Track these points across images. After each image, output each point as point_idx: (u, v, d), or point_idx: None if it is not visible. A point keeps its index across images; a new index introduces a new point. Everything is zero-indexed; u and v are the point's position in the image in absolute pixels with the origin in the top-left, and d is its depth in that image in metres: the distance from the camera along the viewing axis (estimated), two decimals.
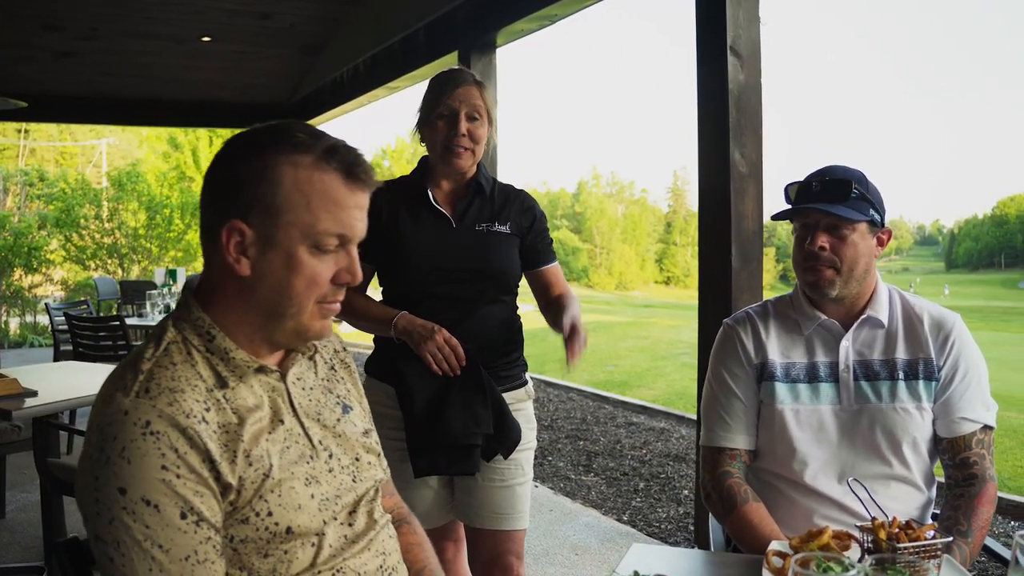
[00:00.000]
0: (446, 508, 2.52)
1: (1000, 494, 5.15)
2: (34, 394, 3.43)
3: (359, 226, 1.32)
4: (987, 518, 1.95)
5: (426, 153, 2.49)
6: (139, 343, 7.06)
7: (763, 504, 1.96)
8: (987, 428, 2.00)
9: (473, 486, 2.45)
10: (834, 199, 1.93)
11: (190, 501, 1.17)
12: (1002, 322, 33.48)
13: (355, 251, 1.33)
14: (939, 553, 1.56)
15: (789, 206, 2.02)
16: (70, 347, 6.38)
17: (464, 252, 2.39)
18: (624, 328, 24.81)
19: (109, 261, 15.60)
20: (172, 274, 9.03)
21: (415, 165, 2.57)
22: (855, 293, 2.01)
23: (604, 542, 4.46)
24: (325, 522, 1.35)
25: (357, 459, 1.47)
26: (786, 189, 2.03)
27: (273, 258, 1.28)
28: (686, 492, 5.47)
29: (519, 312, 2.54)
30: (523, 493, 2.50)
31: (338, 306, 1.36)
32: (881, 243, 2.00)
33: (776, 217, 2.06)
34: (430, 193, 2.42)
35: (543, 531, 4.55)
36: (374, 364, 2.50)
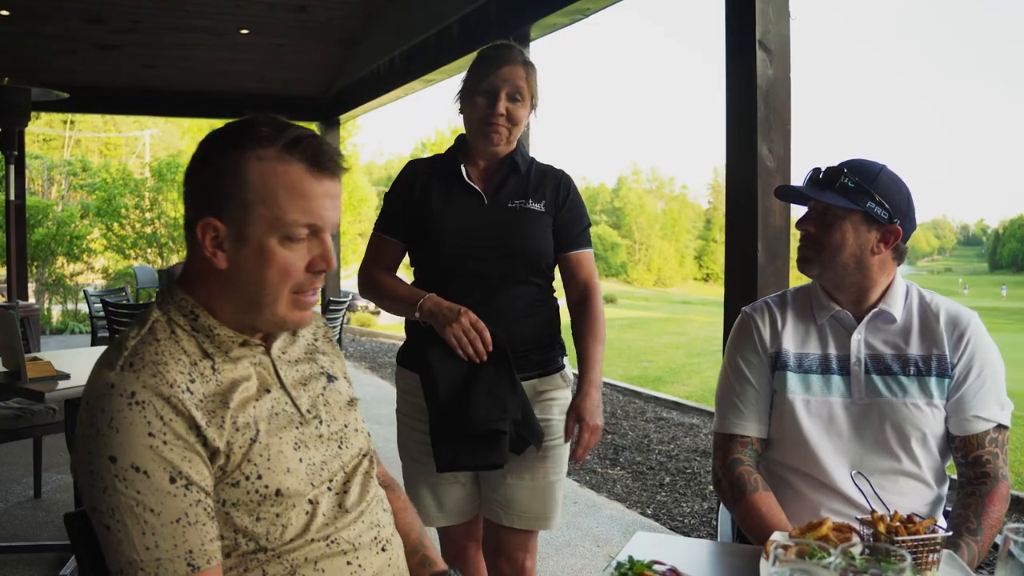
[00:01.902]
0: (474, 503, 2.45)
1: (1020, 493, 5.07)
2: (67, 377, 3.52)
3: (329, 214, 1.34)
4: (998, 517, 1.94)
5: (463, 131, 2.43)
6: None
7: (772, 494, 1.97)
8: (1001, 427, 1.98)
9: (500, 483, 2.35)
10: (824, 186, 1.95)
11: (178, 466, 1.22)
12: None
13: (328, 239, 1.36)
14: (938, 547, 1.56)
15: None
16: (107, 333, 6.50)
17: (494, 229, 2.30)
18: (661, 324, 24.71)
19: (149, 250, 15.86)
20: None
21: None
22: (851, 283, 1.99)
23: (626, 535, 4.46)
24: (315, 486, 1.39)
25: (345, 426, 1.51)
26: (806, 175, 2.05)
27: (247, 252, 1.32)
28: (711, 488, 5.45)
29: (555, 295, 2.45)
30: (556, 492, 2.40)
31: (316, 297, 1.40)
32: (886, 240, 1.97)
33: (776, 194, 2.09)
34: (464, 169, 2.35)
35: (566, 522, 4.57)
36: (403, 351, 2.45)
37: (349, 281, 16.51)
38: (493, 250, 2.29)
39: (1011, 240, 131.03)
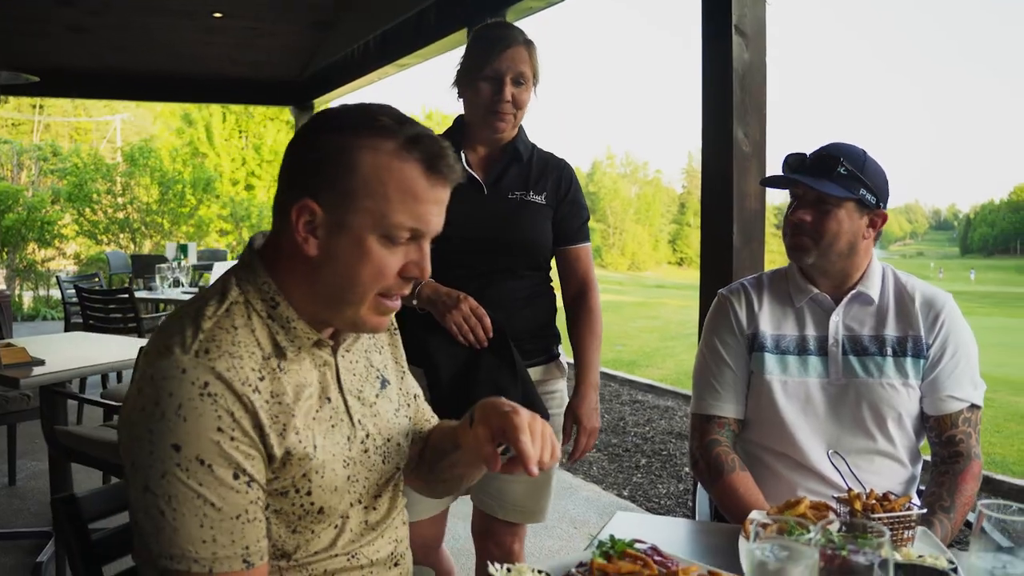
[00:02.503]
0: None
1: (1005, 478, 5.16)
2: (42, 363, 3.49)
3: (435, 221, 1.28)
4: (971, 495, 1.98)
5: (461, 113, 2.35)
6: (151, 315, 7.14)
7: (750, 474, 1.99)
8: (974, 407, 2.02)
9: (493, 476, 2.23)
10: (820, 174, 1.95)
11: (242, 463, 1.17)
12: (1017, 308, 33.27)
13: (427, 246, 1.29)
14: (913, 524, 1.59)
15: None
16: (80, 319, 6.45)
17: (493, 221, 2.25)
18: (635, 308, 24.80)
19: (121, 236, 15.70)
20: (183, 249, 9.09)
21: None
22: (838, 267, 2.03)
23: (603, 516, 4.50)
24: (351, 504, 1.36)
25: (388, 440, 1.45)
26: (785, 158, 2.05)
27: (342, 243, 1.24)
28: (687, 469, 5.51)
29: (551, 284, 2.42)
30: (549, 487, 2.39)
31: (398, 303, 1.32)
32: (874, 225, 2.00)
33: (764, 183, 2.09)
34: (464, 155, 2.28)
35: None
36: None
37: None
38: (491, 243, 2.25)
39: (981, 225, 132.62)
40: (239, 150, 24.34)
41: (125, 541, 1.46)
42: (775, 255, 4.48)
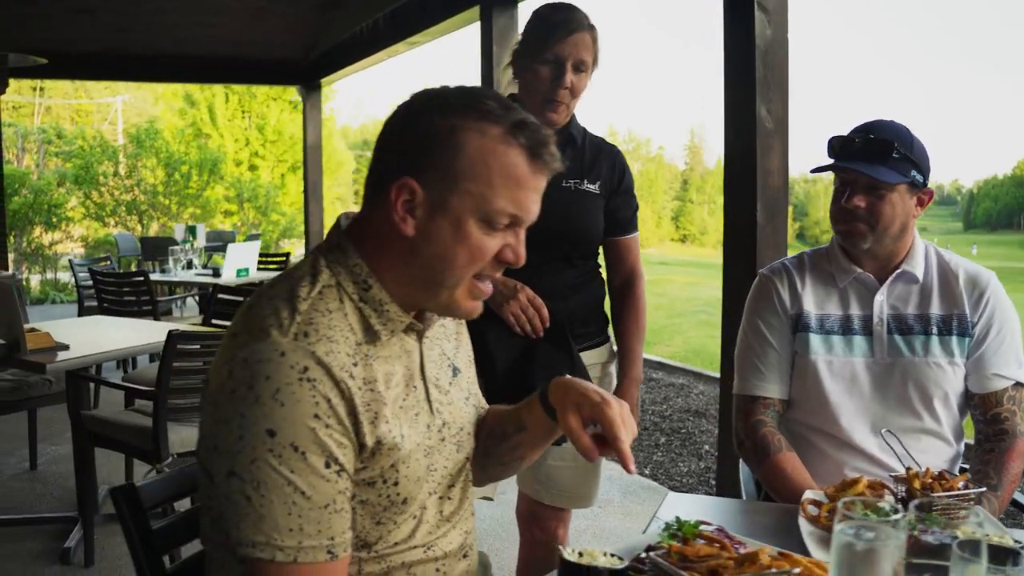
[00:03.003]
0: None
1: None
2: (66, 347, 3.48)
3: (534, 209, 1.27)
4: (1017, 472, 1.97)
5: (514, 92, 2.29)
6: (164, 299, 7.13)
7: (796, 454, 1.98)
8: (1019, 385, 2.01)
9: (541, 462, 2.27)
10: (874, 159, 1.92)
11: (334, 452, 1.15)
12: (1020, 282, 33.23)
13: (523, 234, 1.29)
14: (971, 502, 1.58)
15: (830, 160, 2.01)
16: (94, 303, 6.44)
17: (549, 210, 2.18)
18: None
19: (128, 218, 15.68)
20: (192, 230, 9.08)
21: None
22: (889, 249, 2.01)
23: (626, 495, 4.51)
24: (429, 494, 1.34)
25: (461, 428, 1.43)
26: (829, 142, 2.01)
27: (441, 224, 1.22)
28: (707, 447, 5.51)
29: (600, 269, 2.40)
30: (597, 472, 2.37)
31: (490, 287, 1.31)
32: (921, 203, 1.99)
33: (816, 170, 2.05)
34: None
35: None
36: None
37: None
38: (546, 232, 2.17)
39: (985, 200, 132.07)
40: (242, 130, 24.23)
41: (185, 529, 1.45)
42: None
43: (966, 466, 2.09)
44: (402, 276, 1.27)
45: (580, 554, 1.31)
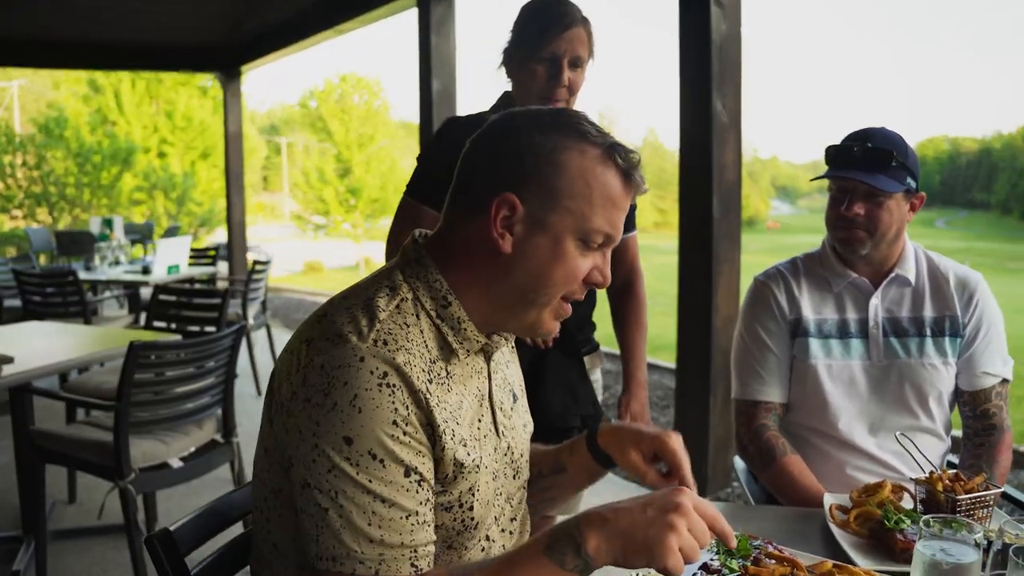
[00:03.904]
0: None
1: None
2: (10, 360, 3.30)
3: (621, 229, 1.27)
4: (1007, 465, 2.05)
5: (507, 89, 2.21)
6: (97, 298, 6.86)
7: (800, 456, 2.02)
8: (1005, 381, 2.09)
9: None
10: (874, 168, 1.95)
11: (412, 462, 1.12)
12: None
13: (610, 255, 1.28)
14: (991, 503, 1.63)
15: (828, 167, 2.04)
16: (16, 302, 6.15)
17: None
18: None
19: (38, 210, 15.05)
20: (109, 223, 8.75)
21: (343, 108, 2.27)
22: (884, 254, 2.05)
23: (617, 495, 4.52)
24: (495, 519, 1.32)
25: (521, 455, 1.41)
26: (827, 150, 2.04)
27: (540, 241, 1.21)
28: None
29: None
30: None
31: (571, 309, 1.29)
32: (913, 208, 2.04)
33: (816, 179, 2.07)
34: None
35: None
36: None
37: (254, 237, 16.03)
38: None
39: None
40: (150, 117, 23.47)
41: (221, 570, 1.39)
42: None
43: (953, 459, 2.17)
44: (486, 294, 1.24)
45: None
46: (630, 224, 2.33)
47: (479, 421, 1.27)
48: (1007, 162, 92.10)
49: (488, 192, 1.20)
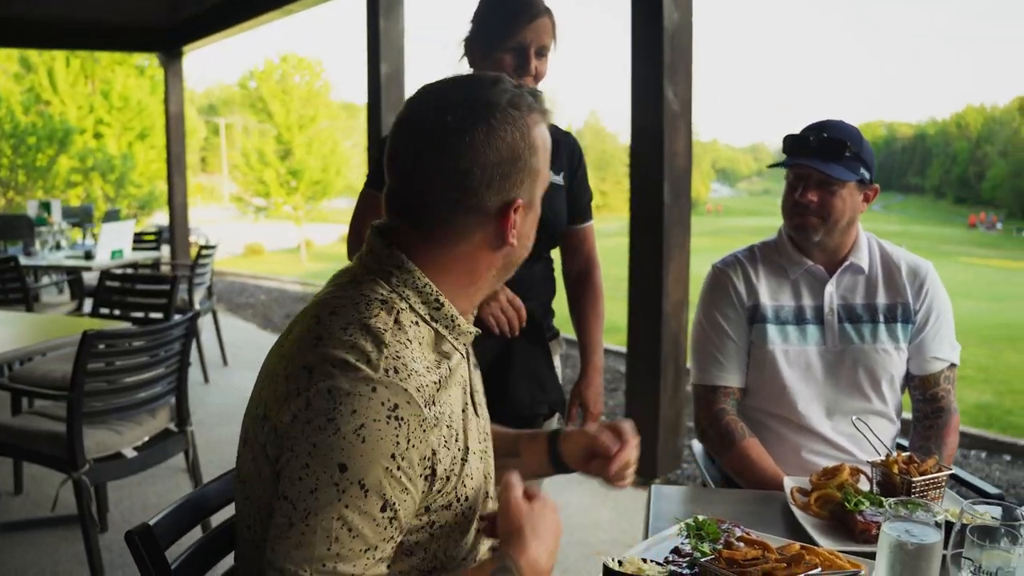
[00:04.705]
0: None
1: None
2: None
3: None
4: (954, 446, 2.14)
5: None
6: (38, 284, 6.69)
7: (757, 440, 2.08)
8: (953, 365, 2.18)
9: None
10: (828, 157, 2.02)
11: (394, 498, 1.11)
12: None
13: None
14: (943, 485, 1.71)
15: (784, 156, 2.10)
16: None
17: None
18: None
19: None
20: (47, 207, 8.56)
21: (284, 88, 2.25)
22: (837, 242, 2.12)
23: (571, 481, 4.57)
24: (486, 496, 1.33)
25: (489, 432, 1.42)
26: (784, 139, 2.10)
27: (531, 219, 1.28)
28: (604, 418, 5.65)
29: (552, 263, 2.38)
30: None
31: None
32: (867, 199, 2.11)
33: (772, 166, 2.13)
34: None
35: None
36: None
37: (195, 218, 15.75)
38: None
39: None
40: (86, 97, 22.86)
41: (201, 563, 1.40)
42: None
43: (903, 442, 2.25)
44: (478, 284, 1.27)
45: (620, 562, 1.34)
46: (586, 214, 2.36)
47: (464, 410, 1.27)
48: (940, 148, 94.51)
49: (496, 207, 1.21)
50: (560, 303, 2.45)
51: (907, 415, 2.21)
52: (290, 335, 1.22)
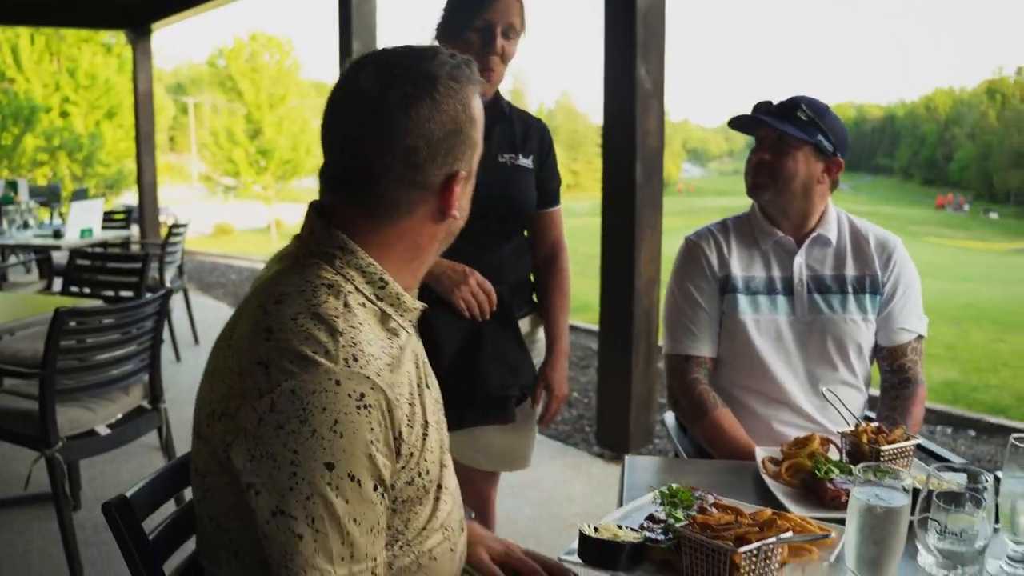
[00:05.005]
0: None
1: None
2: None
3: None
4: (920, 416, 2.18)
5: None
6: (6, 264, 6.61)
7: (729, 410, 2.11)
8: (920, 337, 2.22)
9: (481, 433, 2.24)
10: (782, 118, 2.09)
11: (382, 474, 1.13)
12: None
13: None
14: (910, 454, 1.75)
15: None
16: None
17: (489, 189, 2.03)
18: None
19: None
20: (13, 186, 8.46)
21: (253, 67, 2.24)
22: (796, 209, 2.16)
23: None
24: (443, 467, 1.33)
25: (438, 404, 1.41)
26: (754, 106, 2.17)
27: (468, 189, 1.28)
28: (576, 394, 5.71)
29: (526, 240, 2.37)
30: (534, 434, 2.40)
31: None
32: (829, 171, 2.14)
33: (731, 125, 2.20)
34: None
35: None
36: None
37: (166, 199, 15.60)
38: (486, 209, 2.12)
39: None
40: (51, 74, 22.49)
41: (178, 535, 1.41)
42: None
43: (871, 414, 2.29)
44: (421, 259, 1.28)
45: (596, 528, 1.37)
46: (554, 199, 2.37)
47: (418, 384, 1.26)
48: (909, 130, 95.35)
49: (440, 180, 1.22)
50: None
51: (875, 392, 2.26)
52: (237, 327, 1.19)
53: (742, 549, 1.21)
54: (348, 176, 1.22)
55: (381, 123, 1.18)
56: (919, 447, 2.21)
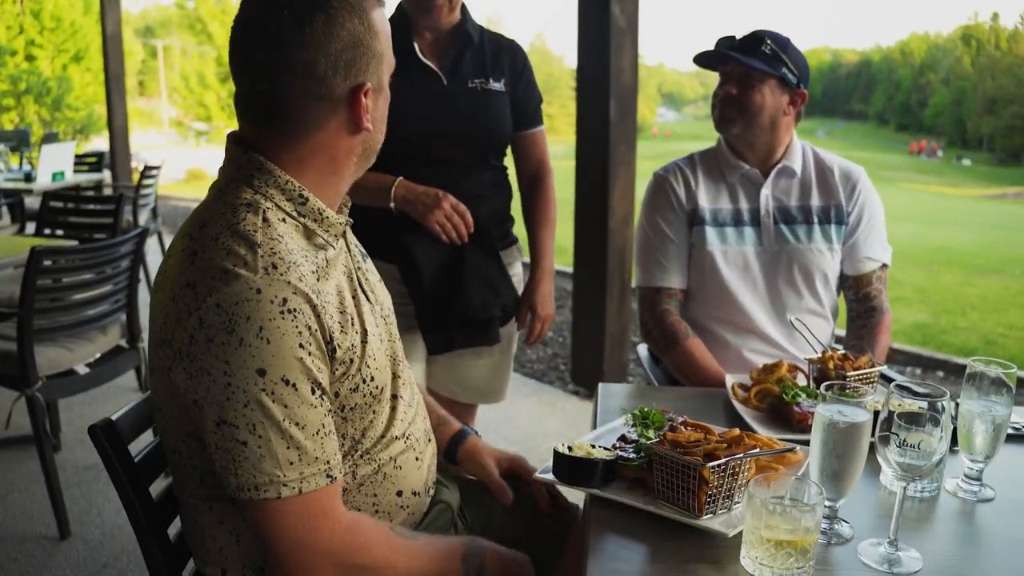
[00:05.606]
0: (424, 380, 2.35)
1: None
2: None
3: None
4: (886, 344, 2.24)
5: None
6: None
7: (700, 339, 2.16)
8: (885, 266, 2.27)
9: (458, 363, 2.32)
10: (747, 52, 2.11)
11: (318, 377, 1.16)
12: None
13: None
14: (874, 380, 1.80)
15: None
16: None
17: (459, 114, 2.16)
18: None
19: None
20: None
21: (223, 8, 2.20)
22: (763, 141, 2.19)
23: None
24: (394, 376, 1.38)
25: (390, 311, 1.46)
26: (716, 41, 2.19)
27: (381, 103, 1.30)
28: (551, 333, 5.77)
29: (507, 171, 2.38)
30: (509, 368, 2.44)
31: None
32: (794, 103, 2.17)
33: (696, 61, 2.21)
34: (415, 45, 2.14)
35: None
36: (368, 243, 2.24)
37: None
38: (459, 137, 2.18)
39: None
40: (14, 16, 21.95)
41: (161, 460, 1.43)
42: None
43: (838, 346, 2.35)
44: (340, 174, 1.30)
45: (570, 448, 1.41)
46: (535, 119, 2.38)
47: (354, 296, 1.30)
48: (884, 75, 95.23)
49: (346, 92, 1.23)
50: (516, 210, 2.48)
51: (841, 332, 2.31)
52: (171, 257, 1.23)
53: (711, 464, 1.26)
54: (256, 101, 1.25)
55: (277, 44, 1.20)
56: (883, 376, 2.28)
